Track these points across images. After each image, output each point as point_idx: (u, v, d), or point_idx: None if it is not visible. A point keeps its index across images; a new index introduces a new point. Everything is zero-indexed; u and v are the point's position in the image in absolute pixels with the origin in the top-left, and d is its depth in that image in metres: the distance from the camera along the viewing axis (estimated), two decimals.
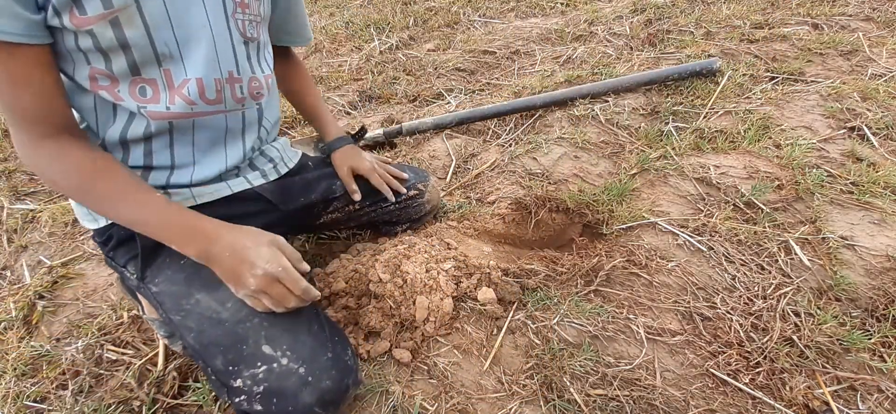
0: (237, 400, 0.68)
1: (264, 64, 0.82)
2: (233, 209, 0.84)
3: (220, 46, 0.71)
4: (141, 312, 1.00)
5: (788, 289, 0.97)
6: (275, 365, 0.68)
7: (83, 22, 0.59)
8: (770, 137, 1.35)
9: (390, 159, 1.47)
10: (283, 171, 0.95)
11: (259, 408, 0.67)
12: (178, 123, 0.73)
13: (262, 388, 0.67)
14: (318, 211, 1.02)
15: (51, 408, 0.92)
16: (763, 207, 1.14)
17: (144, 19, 0.63)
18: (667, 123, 1.45)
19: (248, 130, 0.84)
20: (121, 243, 0.79)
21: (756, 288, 0.98)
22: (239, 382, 0.68)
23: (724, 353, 0.88)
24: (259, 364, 0.68)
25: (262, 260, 0.67)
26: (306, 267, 0.73)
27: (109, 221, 0.78)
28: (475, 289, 0.99)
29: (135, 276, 0.78)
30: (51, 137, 0.64)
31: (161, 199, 0.70)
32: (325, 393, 0.69)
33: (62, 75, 0.66)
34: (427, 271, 0.98)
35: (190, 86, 0.70)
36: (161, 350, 0.98)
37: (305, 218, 1.02)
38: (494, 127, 1.58)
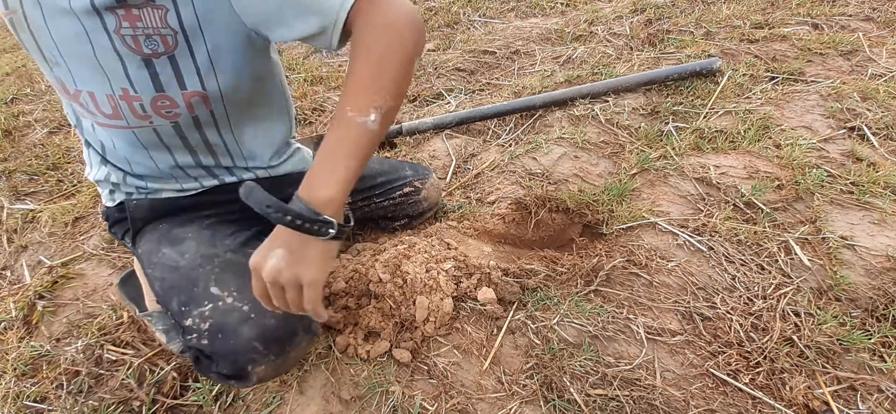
0: (189, 338, 0.72)
1: (192, 79, 0.70)
2: (217, 196, 0.88)
3: (106, 62, 0.65)
4: (136, 313, 1.01)
5: (788, 289, 0.97)
6: (220, 303, 0.72)
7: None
8: (770, 137, 1.35)
9: (391, 158, 1.48)
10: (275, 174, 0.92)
11: (205, 343, 0.71)
12: (113, 130, 0.75)
13: (207, 325, 0.71)
14: None
15: (51, 408, 0.92)
16: (763, 207, 1.14)
17: (29, 25, 0.64)
18: (667, 123, 1.45)
19: (193, 145, 0.79)
20: (116, 222, 0.90)
21: (756, 288, 0.98)
22: (189, 322, 0.72)
23: (724, 353, 0.88)
24: (206, 302, 0.72)
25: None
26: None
27: (114, 203, 0.87)
28: (475, 289, 0.99)
29: (130, 244, 0.89)
30: None
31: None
32: (267, 330, 0.71)
33: None
34: (427, 271, 0.98)
35: (83, 97, 0.69)
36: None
37: None
38: (494, 127, 1.58)
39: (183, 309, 0.73)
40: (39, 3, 0.62)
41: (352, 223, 0.65)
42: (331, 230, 0.60)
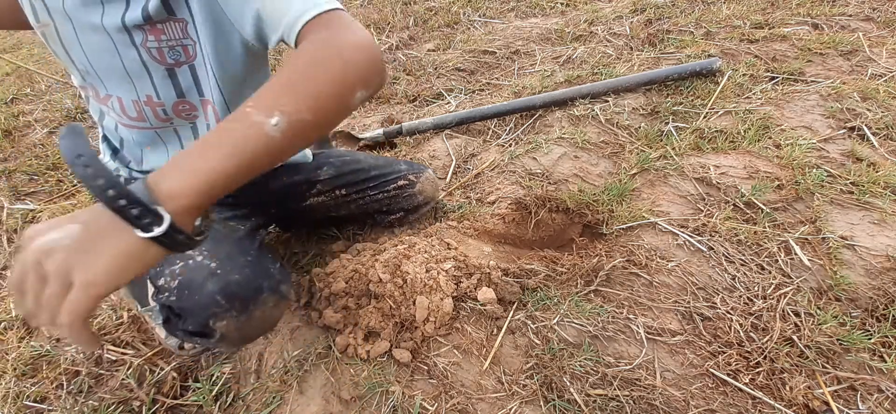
0: (162, 297, 0.74)
1: (207, 88, 0.76)
2: None
3: (133, 72, 0.71)
4: (138, 308, 1.01)
5: (788, 289, 0.97)
6: (191, 261, 0.74)
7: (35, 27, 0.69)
8: (770, 137, 1.35)
9: (391, 156, 1.48)
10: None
11: (173, 299, 0.72)
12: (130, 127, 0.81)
13: (176, 282, 0.73)
14: (303, 191, 1.04)
15: (51, 408, 0.92)
16: (763, 207, 1.14)
17: (60, 38, 0.69)
18: (667, 123, 1.45)
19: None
20: None
21: (756, 288, 0.98)
22: (162, 281, 0.74)
23: (724, 353, 0.88)
24: (177, 261, 0.74)
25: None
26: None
27: None
28: (475, 289, 0.99)
29: None
30: None
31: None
32: (230, 284, 0.72)
33: None
34: (427, 271, 0.98)
35: (112, 102, 0.76)
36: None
37: (290, 199, 1.05)
38: (494, 127, 1.58)
39: (157, 269, 0.75)
40: (71, 19, 0.66)
41: (199, 238, 0.48)
42: (156, 227, 0.43)
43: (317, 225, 1.22)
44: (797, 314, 0.92)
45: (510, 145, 1.48)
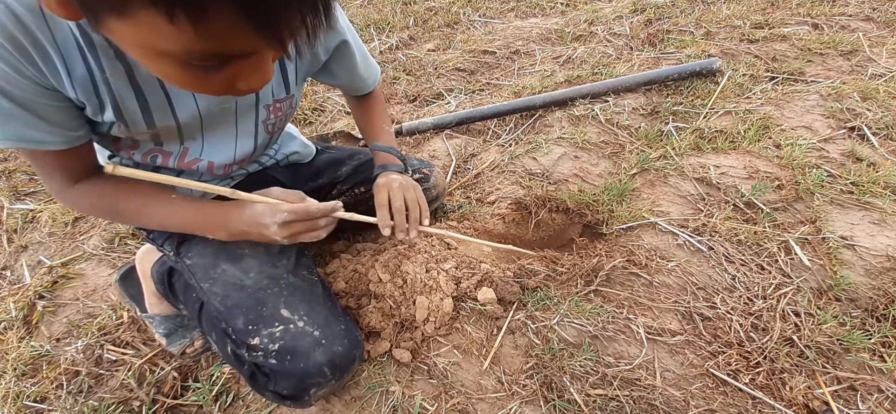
0: (254, 354, 0.74)
1: (277, 135, 0.88)
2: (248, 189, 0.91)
3: (241, 146, 0.80)
4: (137, 312, 1.01)
5: (788, 289, 0.97)
6: (292, 326, 0.75)
7: (128, 134, 0.66)
8: (770, 137, 1.35)
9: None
10: (294, 159, 1.03)
11: (273, 362, 0.73)
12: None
13: (277, 345, 0.73)
14: (325, 195, 1.05)
15: (51, 408, 0.92)
16: (763, 207, 1.14)
17: (181, 134, 0.71)
18: (667, 123, 1.45)
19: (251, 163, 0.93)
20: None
21: (756, 288, 0.98)
22: (256, 340, 0.74)
23: (724, 353, 0.88)
24: (277, 324, 0.75)
25: (270, 216, 0.71)
26: (312, 202, 0.75)
27: None
28: (475, 289, 0.99)
29: (172, 252, 0.86)
30: (78, 181, 0.70)
31: (178, 201, 0.74)
32: (336, 356, 0.75)
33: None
34: (427, 271, 0.98)
35: (201, 164, 0.78)
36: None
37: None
38: (494, 127, 1.58)
39: (250, 327, 0.75)
40: (201, 116, 0.69)
41: None
42: None
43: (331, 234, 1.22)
44: (797, 314, 0.92)
45: (510, 145, 1.48)
